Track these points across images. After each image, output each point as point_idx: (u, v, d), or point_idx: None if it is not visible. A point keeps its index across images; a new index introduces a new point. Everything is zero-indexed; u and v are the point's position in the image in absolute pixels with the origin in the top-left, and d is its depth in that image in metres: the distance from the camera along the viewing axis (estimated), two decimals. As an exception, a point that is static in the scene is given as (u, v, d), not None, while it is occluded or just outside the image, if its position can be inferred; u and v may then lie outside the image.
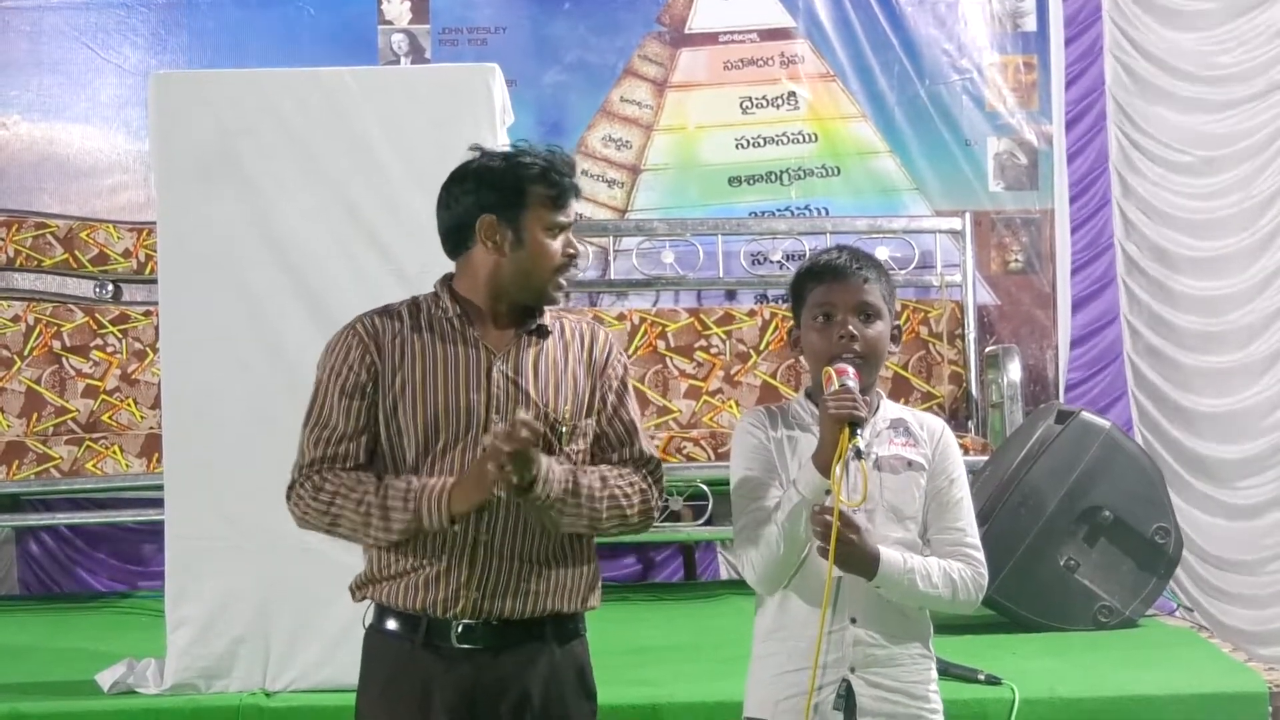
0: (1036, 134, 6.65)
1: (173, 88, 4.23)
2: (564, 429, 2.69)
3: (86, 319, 6.24)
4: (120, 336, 6.22)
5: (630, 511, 2.71)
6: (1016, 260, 6.64)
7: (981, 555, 2.75)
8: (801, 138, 6.66)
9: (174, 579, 4.12)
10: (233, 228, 4.10)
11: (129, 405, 6.13)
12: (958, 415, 6.09)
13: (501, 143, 2.78)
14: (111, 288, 6.37)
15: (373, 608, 2.75)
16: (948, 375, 6.17)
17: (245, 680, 4.07)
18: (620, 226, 6.49)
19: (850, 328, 2.67)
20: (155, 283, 4.56)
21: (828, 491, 2.58)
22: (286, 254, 4.09)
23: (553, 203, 2.70)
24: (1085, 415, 5.04)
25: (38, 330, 6.19)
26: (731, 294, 6.56)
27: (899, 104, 6.64)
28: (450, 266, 2.79)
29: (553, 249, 2.70)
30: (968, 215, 6.39)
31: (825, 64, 6.64)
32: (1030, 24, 6.68)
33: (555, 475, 2.61)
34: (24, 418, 6.08)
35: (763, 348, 6.21)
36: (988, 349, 6.21)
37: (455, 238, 2.74)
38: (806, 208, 6.64)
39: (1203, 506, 6.44)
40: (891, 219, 6.47)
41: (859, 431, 2.56)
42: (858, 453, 2.56)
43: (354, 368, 2.69)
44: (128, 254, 6.40)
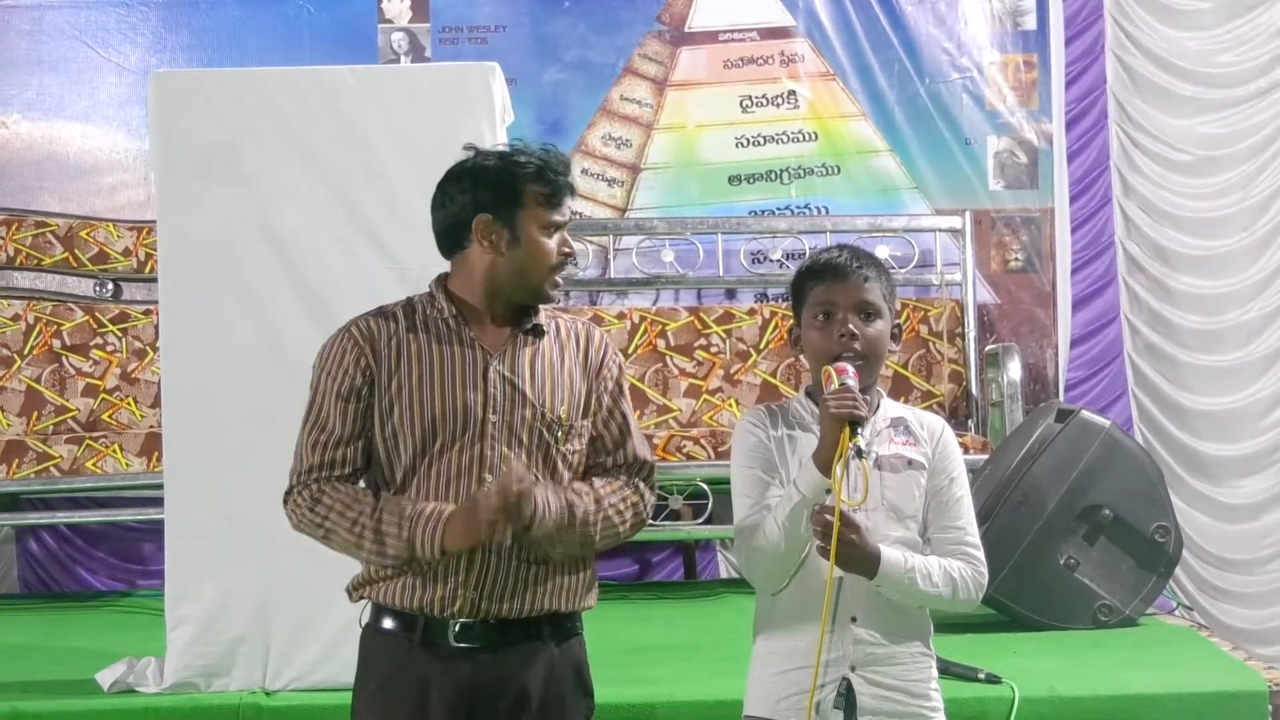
0: (1036, 133, 6.65)
1: (173, 86, 4.22)
2: (560, 430, 2.69)
3: (86, 318, 6.23)
4: (120, 335, 6.21)
5: (623, 529, 2.73)
6: (1016, 259, 6.64)
7: (981, 554, 2.75)
8: (801, 136, 6.65)
9: (174, 578, 4.12)
10: (233, 226, 4.09)
11: (129, 404, 6.13)
12: (958, 414, 6.09)
13: (501, 141, 2.76)
14: (111, 286, 6.37)
15: (369, 607, 2.75)
16: (948, 374, 6.17)
17: (245, 679, 4.07)
18: (620, 225, 6.49)
19: (850, 326, 2.67)
20: (155, 281, 4.56)
21: (828, 491, 2.58)
22: (286, 252, 4.09)
23: (548, 201, 2.70)
24: (1085, 414, 5.03)
25: (38, 329, 6.19)
26: (731, 293, 6.55)
27: (899, 103, 6.63)
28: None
29: (548, 247, 2.70)
30: (968, 214, 6.39)
31: (825, 63, 6.64)
32: (1030, 23, 6.68)
33: (552, 510, 2.61)
34: (24, 417, 6.08)
35: (763, 347, 6.20)
36: (988, 348, 6.21)
37: (451, 237, 2.74)
38: (806, 206, 6.63)
39: (1203, 505, 6.44)
40: (891, 218, 6.46)
41: (859, 431, 2.56)
42: (858, 452, 2.55)
43: (349, 371, 2.68)
44: (128, 253, 6.39)
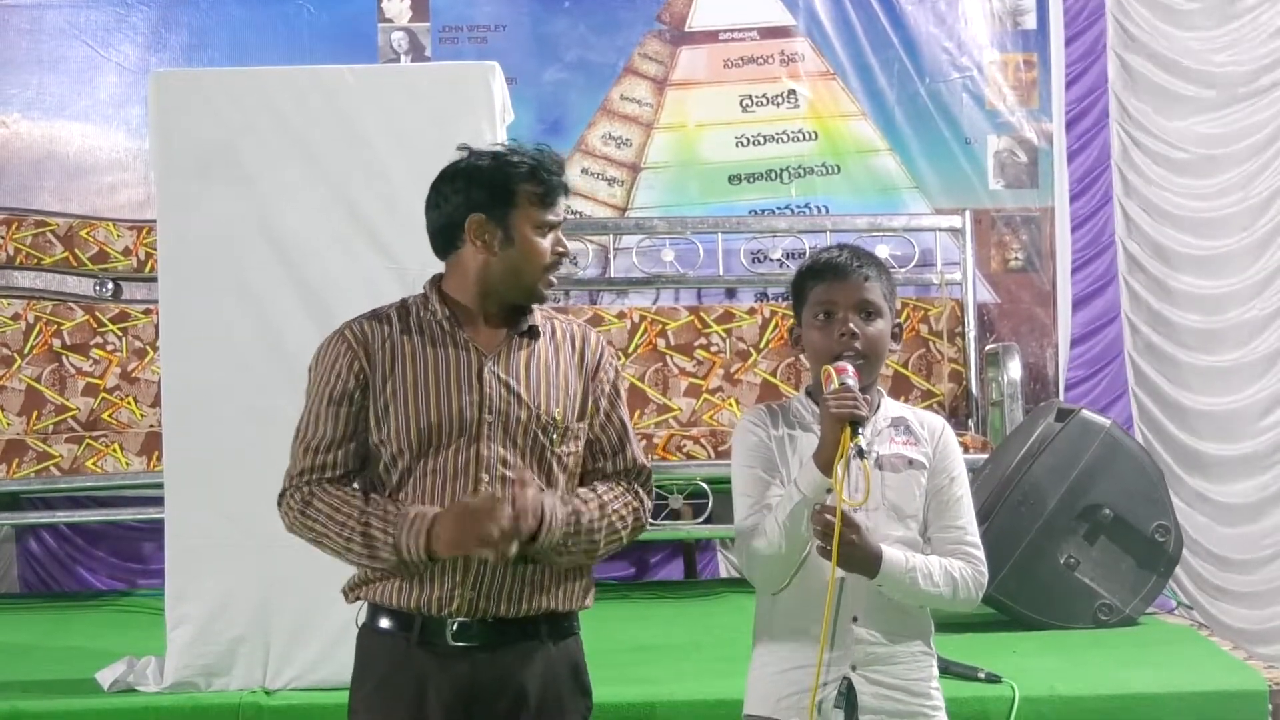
0: (1036, 132, 6.65)
1: (173, 86, 4.22)
2: (555, 431, 2.69)
3: (86, 317, 6.24)
4: (120, 335, 6.21)
5: (624, 534, 2.74)
6: (1016, 258, 6.64)
7: (981, 553, 2.75)
8: (801, 136, 6.65)
9: (174, 577, 4.12)
10: (233, 226, 4.09)
11: (129, 403, 6.13)
12: (958, 413, 6.09)
13: (501, 141, 2.76)
14: (111, 286, 6.37)
15: (365, 606, 2.74)
16: (948, 373, 6.17)
17: (245, 678, 4.07)
18: (620, 224, 6.48)
19: (851, 326, 2.67)
20: (155, 281, 4.56)
21: (829, 490, 2.58)
22: (286, 252, 4.08)
23: (541, 201, 2.69)
24: (1085, 413, 5.03)
25: (38, 328, 6.19)
26: (731, 292, 6.55)
27: (899, 102, 6.63)
28: (449, 262, 2.79)
29: (542, 247, 2.69)
30: (968, 213, 6.39)
31: (825, 62, 6.64)
32: (1030, 22, 6.68)
33: (559, 519, 2.61)
34: (24, 416, 6.08)
35: (763, 346, 6.20)
36: (988, 347, 6.21)
37: (444, 238, 2.73)
38: (806, 206, 6.63)
39: (1203, 505, 6.44)
40: (891, 217, 6.46)
41: (860, 430, 2.56)
42: (859, 452, 2.56)
43: (342, 375, 2.68)
44: (128, 252, 6.39)
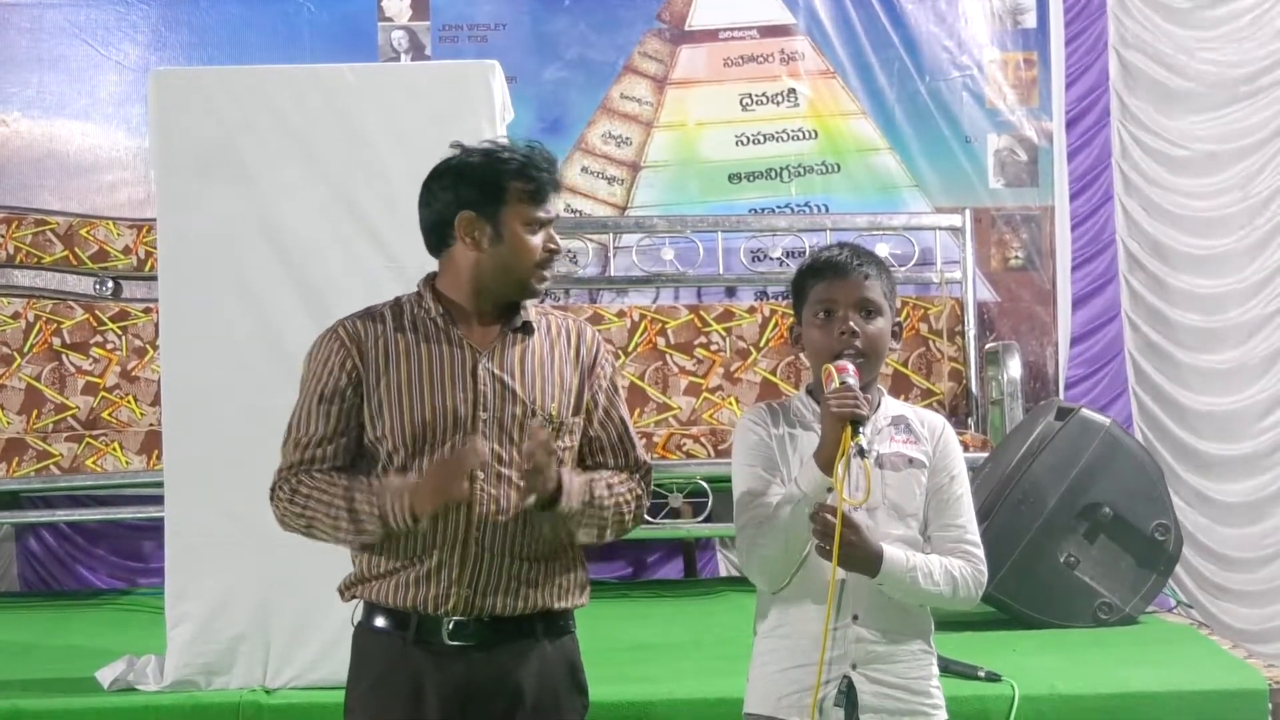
0: (1036, 131, 6.65)
1: (173, 84, 4.22)
2: (551, 426, 2.68)
3: (86, 316, 6.24)
4: (120, 333, 6.21)
5: (628, 519, 2.76)
6: (1016, 257, 6.63)
7: (981, 552, 2.75)
8: (801, 134, 6.65)
9: (174, 576, 4.12)
10: (233, 224, 4.09)
11: (129, 402, 6.13)
12: (958, 412, 6.09)
13: (500, 139, 2.76)
14: (111, 284, 6.37)
15: (361, 605, 2.74)
16: (948, 372, 6.17)
17: (245, 677, 4.07)
18: (620, 223, 6.48)
19: (851, 324, 2.67)
20: (155, 279, 4.56)
21: (830, 489, 2.58)
22: (287, 250, 4.08)
23: (531, 198, 2.69)
24: (1085, 412, 5.03)
25: (38, 327, 6.19)
26: (731, 291, 6.55)
27: (899, 101, 6.64)
28: (448, 261, 2.79)
29: (533, 244, 2.69)
30: (968, 212, 6.40)
31: (825, 61, 6.64)
32: (1030, 20, 6.68)
33: (576, 487, 2.62)
34: (24, 415, 6.08)
35: (763, 344, 6.20)
36: (988, 346, 6.21)
37: (436, 235, 2.73)
38: (806, 204, 6.63)
39: (1203, 504, 6.45)
40: (891, 216, 6.47)
41: (861, 430, 2.56)
42: (860, 451, 2.55)
43: (334, 372, 2.68)
44: (128, 251, 6.40)
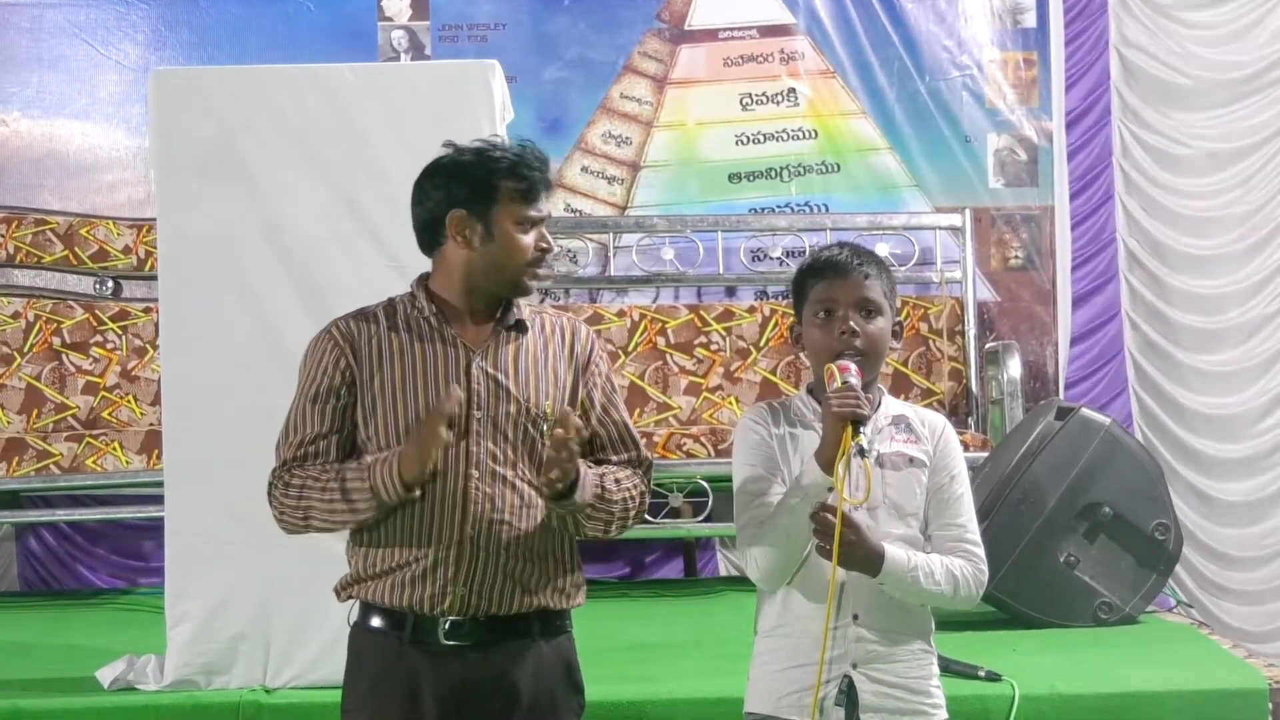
0: (1036, 130, 6.65)
1: (173, 84, 4.22)
2: (545, 424, 2.69)
3: (86, 315, 6.24)
4: (120, 333, 6.21)
5: (632, 515, 2.76)
6: (1016, 257, 6.64)
7: (982, 551, 2.75)
8: (801, 134, 6.65)
9: (174, 575, 4.12)
10: (233, 224, 4.09)
11: (129, 402, 6.13)
12: (958, 412, 6.09)
13: (492, 138, 2.76)
14: (111, 284, 6.37)
15: (357, 605, 2.74)
16: (948, 372, 6.17)
17: (245, 677, 4.07)
18: (620, 223, 6.49)
19: (852, 324, 2.67)
20: (155, 279, 4.56)
21: (830, 489, 2.58)
22: (287, 250, 4.08)
23: (523, 197, 2.69)
24: (1085, 412, 5.03)
25: (38, 327, 6.19)
26: (731, 290, 6.55)
27: (899, 100, 6.64)
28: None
29: (524, 243, 2.69)
30: (968, 211, 6.40)
31: (825, 60, 6.64)
32: (1030, 20, 6.68)
33: (589, 480, 2.63)
34: (24, 414, 6.08)
35: (763, 344, 6.20)
36: (988, 345, 6.21)
37: (428, 234, 2.74)
38: (806, 204, 6.64)
39: (1203, 503, 6.45)
40: (891, 215, 6.47)
41: (862, 429, 2.56)
42: (861, 451, 2.56)
43: (328, 371, 2.69)
44: (128, 250, 6.40)
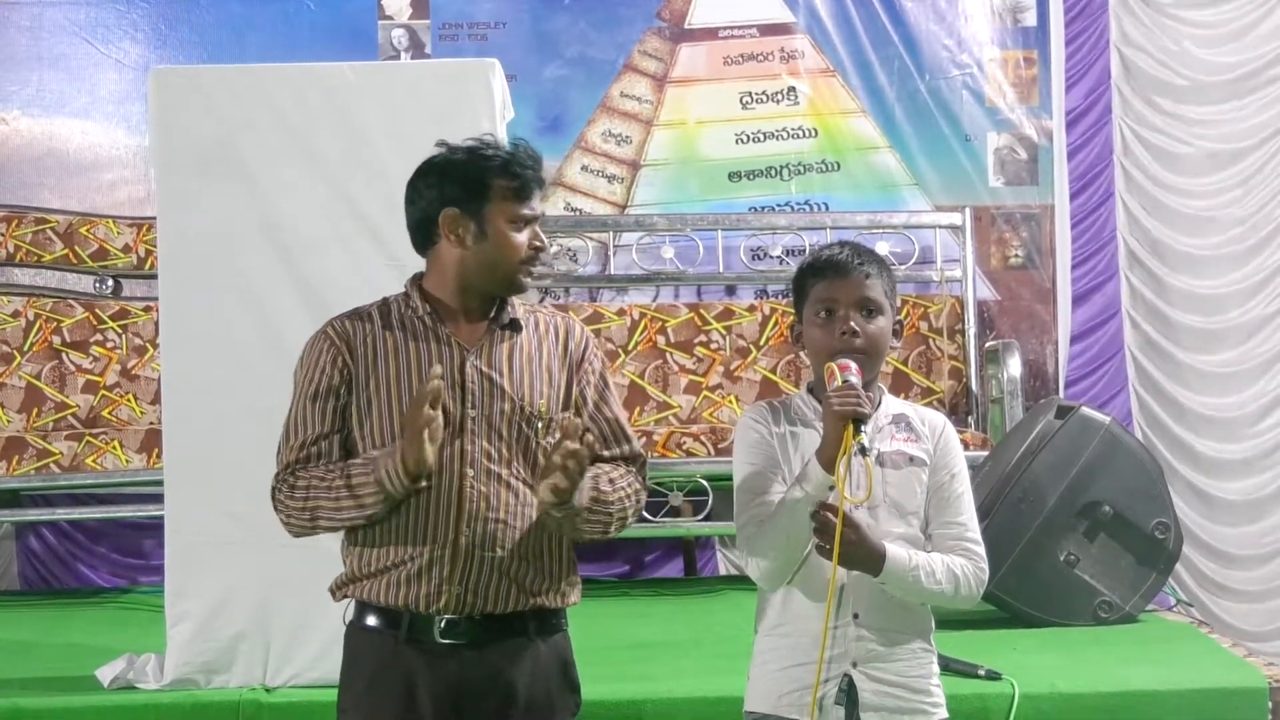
0: (1036, 129, 6.65)
1: (173, 83, 4.22)
2: (540, 423, 2.69)
3: (86, 314, 6.23)
4: (120, 332, 6.21)
5: (630, 514, 2.75)
6: (1016, 255, 6.64)
7: (982, 550, 2.75)
8: (801, 133, 6.65)
9: (174, 574, 4.12)
10: (233, 223, 4.09)
11: (129, 401, 6.13)
12: (958, 410, 6.08)
13: (485, 137, 2.77)
14: (111, 283, 6.37)
15: (353, 605, 2.74)
16: (947, 370, 6.17)
17: (245, 676, 4.07)
18: (620, 222, 6.49)
19: (852, 323, 2.67)
20: (155, 278, 4.55)
21: (831, 488, 2.58)
22: (286, 249, 4.08)
23: (515, 195, 2.69)
24: (1085, 410, 5.03)
25: (38, 326, 6.18)
26: (731, 289, 6.55)
27: (899, 99, 6.64)
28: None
29: (517, 241, 2.69)
30: (968, 210, 6.40)
31: (825, 59, 6.64)
32: (1030, 19, 6.68)
33: (585, 485, 2.62)
34: (24, 413, 6.08)
35: (763, 343, 6.20)
36: (988, 344, 6.21)
37: (421, 233, 2.74)
38: (806, 203, 6.64)
39: (1203, 502, 6.45)
40: (891, 214, 6.47)
41: (863, 428, 2.56)
42: (862, 449, 2.55)
43: (325, 370, 2.69)
44: (128, 249, 6.39)
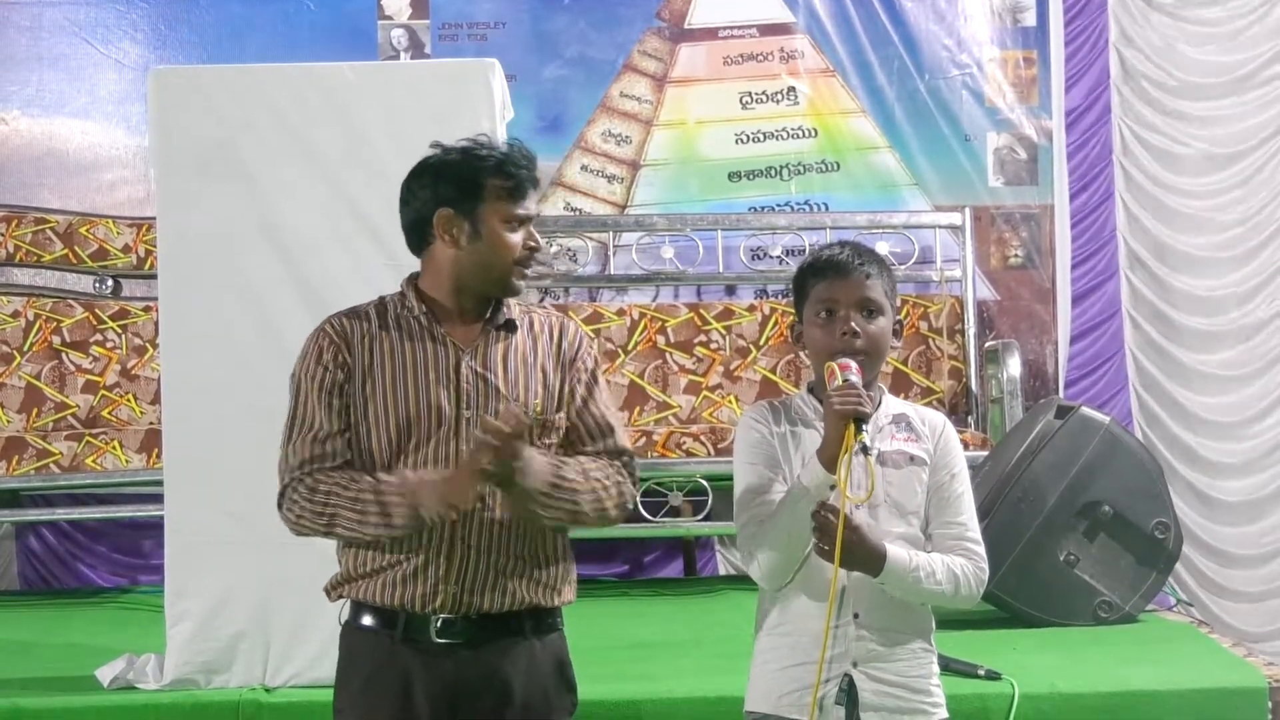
0: (1036, 129, 6.64)
1: (172, 83, 4.22)
2: (535, 423, 2.68)
3: (86, 314, 6.23)
4: (120, 332, 6.21)
5: (609, 505, 2.71)
6: (1016, 255, 6.64)
7: (982, 550, 2.75)
8: (801, 133, 6.65)
9: (174, 574, 4.12)
10: (232, 223, 4.09)
11: (129, 401, 6.13)
12: (957, 410, 6.09)
13: (479, 137, 2.77)
14: (111, 283, 6.37)
15: (348, 605, 2.74)
16: (947, 370, 6.17)
17: (245, 675, 4.07)
18: (620, 222, 6.49)
19: (853, 323, 2.67)
20: (155, 278, 4.55)
21: (832, 487, 2.58)
22: (286, 249, 4.08)
23: (510, 195, 2.69)
24: (1085, 410, 5.03)
25: (37, 326, 6.18)
26: (731, 289, 6.55)
27: (899, 99, 6.63)
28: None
29: (512, 241, 2.69)
30: (967, 210, 6.40)
31: (825, 59, 6.64)
32: (1030, 19, 6.68)
33: (537, 466, 2.60)
34: (24, 413, 6.08)
35: (762, 343, 6.20)
36: (987, 344, 6.21)
37: (416, 234, 2.74)
38: (806, 203, 6.63)
39: (1203, 502, 6.45)
40: (891, 214, 6.46)
41: (864, 427, 2.56)
42: (863, 449, 2.56)
43: (328, 367, 2.69)
44: (127, 249, 6.39)
